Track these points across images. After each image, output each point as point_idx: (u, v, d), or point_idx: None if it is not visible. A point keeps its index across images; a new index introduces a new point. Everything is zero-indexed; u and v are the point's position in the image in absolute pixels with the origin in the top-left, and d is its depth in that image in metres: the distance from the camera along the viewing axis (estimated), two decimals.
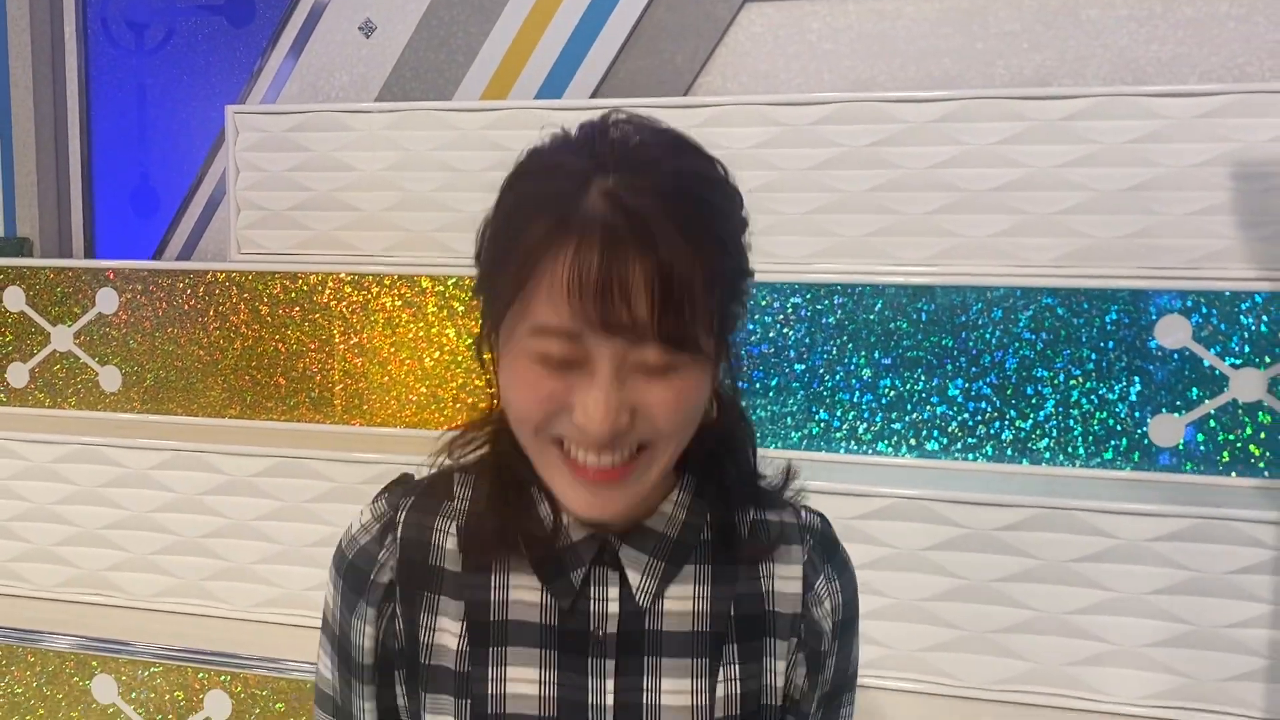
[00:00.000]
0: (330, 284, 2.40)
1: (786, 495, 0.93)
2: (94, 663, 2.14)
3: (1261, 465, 1.94)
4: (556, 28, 2.73)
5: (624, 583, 0.84)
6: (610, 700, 0.83)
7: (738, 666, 0.86)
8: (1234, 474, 1.96)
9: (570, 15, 2.72)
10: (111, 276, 2.52)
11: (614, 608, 0.84)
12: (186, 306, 2.48)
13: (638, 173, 0.74)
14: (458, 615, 0.85)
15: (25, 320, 2.59)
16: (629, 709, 0.83)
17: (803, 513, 0.94)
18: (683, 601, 0.85)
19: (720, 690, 0.85)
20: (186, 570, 2.28)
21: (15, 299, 2.59)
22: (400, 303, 2.36)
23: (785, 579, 0.89)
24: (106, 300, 2.52)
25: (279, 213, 2.67)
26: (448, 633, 0.86)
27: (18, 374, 2.61)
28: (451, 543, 0.87)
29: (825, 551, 0.92)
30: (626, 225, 0.72)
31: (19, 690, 2.18)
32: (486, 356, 0.84)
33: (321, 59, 2.95)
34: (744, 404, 0.92)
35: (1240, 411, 1.95)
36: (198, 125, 3.08)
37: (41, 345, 2.59)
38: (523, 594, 0.85)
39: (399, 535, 0.88)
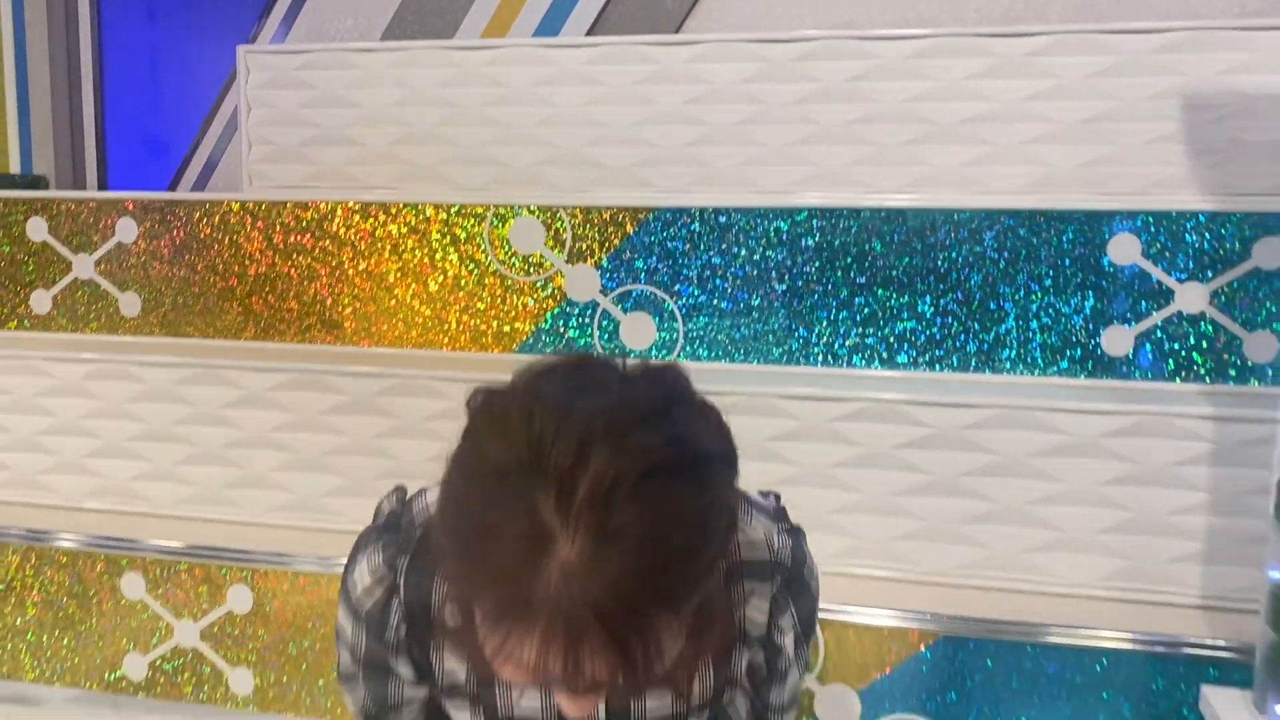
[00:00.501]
0: (340, 213, 2.54)
1: (767, 507, 1.02)
2: (123, 561, 2.29)
3: (1203, 372, 2.11)
4: None
5: None
6: (603, 713, 0.97)
7: (712, 671, 0.99)
8: (1178, 380, 2.13)
9: None
10: (131, 207, 2.66)
11: None
12: (203, 235, 2.62)
13: (607, 542, 0.69)
14: (462, 659, 0.96)
15: (47, 249, 2.72)
16: (618, 714, 0.97)
17: (775, 540, 0.98)
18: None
19: (696, 687, 0.98)
20: (207, 479, 2.43)
21: (38, 229, 2.72)
22: (406, 230, 2.51)
23: (756, 609, 0.98)
24: (126, 230, 2.66)
25: (289, 148, 2.81)
26: (456, 665, 0.97)
27: (40, 300, 2.75)
28: (450, 605, 0.91)
29: (790, 586, 0.99)
30: (587, 621, 0.68)
31: (52, 589, 2.34)
32: None
33: (327, 3, 3.09)
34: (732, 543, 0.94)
35: (1185, 323, 2.12)
36: (208, 67, 3.21)
37: (63, 273, 2.72)
38: None
39: (402, 598, 0.95)
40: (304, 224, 2.57)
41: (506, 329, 2.46)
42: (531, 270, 2.44)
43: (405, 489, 1.04)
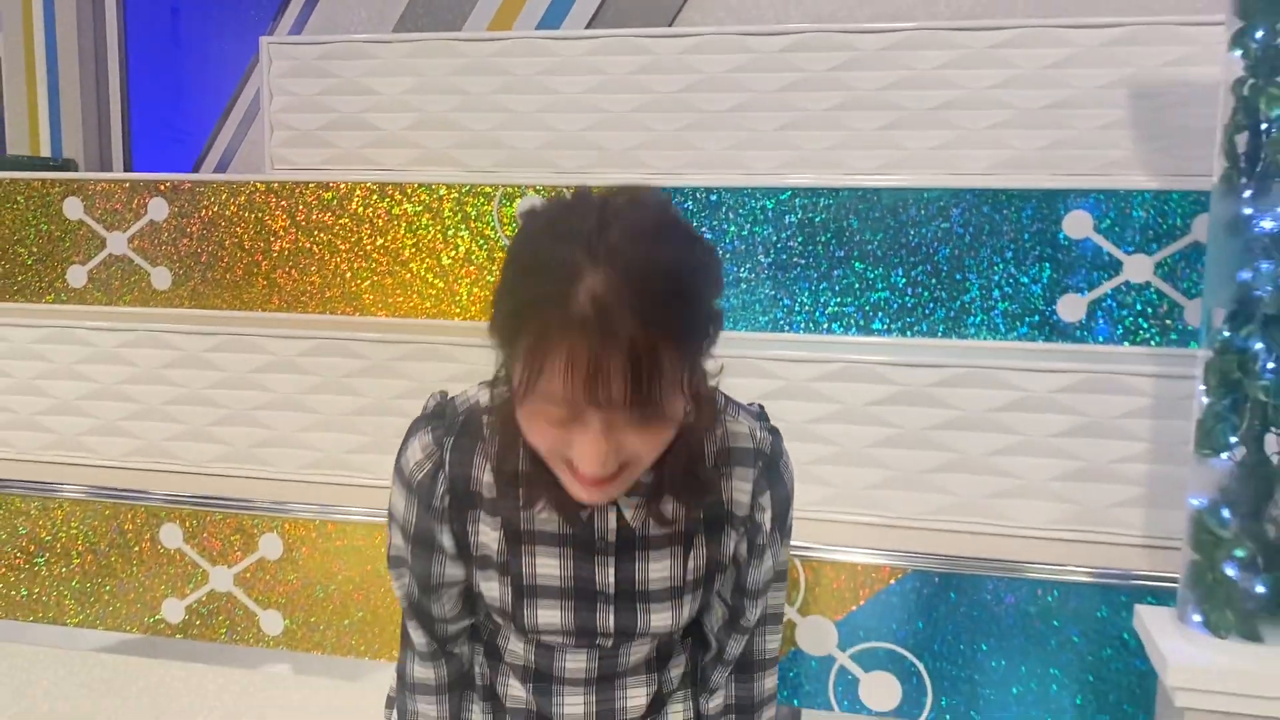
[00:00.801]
0: (358, 193, 2.73)
1: (752, 410, 1.23)
2: (161, 513, 2.49)
3: (1148, 337, 2.33)
4: None
5: (620, 512, 1.16)
6: (611, 579, 1.17)
7: (704, 547, 1.19)
8: (1126, 344, 2.34)
9: None
10: (163, 188, 2.85)
11: (613, 524, 1.16)
12: (230, 214, 2.81)
13: (623, 273, 0.90)
14: (495, 526, 1.16)
15: (83, 227, 2.92)
16: (625, 583, 1.17)
17: (758, 433, 1.18)
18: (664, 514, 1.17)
19: (691, 562, 1.18)
20: (238, 439, 2.63)
21: (74, 208, 2.92)
22: (420, 209, 2.71)
23: (740, 490, 1.19)
24: (158, 209, 2.85)
25: (309, 132, 3.01)
26: (489, 537, 1.17)
27: (76, 275, 2.94)
28: (487, 476, 1.12)
29: (769, 471, 1.18)
30: (609, 331, 0.88)
31: (95, 539, 2.53)
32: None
33: None
34: (714, 384, 1.13)
35: (1132, 291, 2.33)
36: (228, 59, 3.40)
37: (98, 249, 2.92)
38: (546, 516, 1.16)
39: (447, 472, 1.13)
40: (325, 203, 2.76)
41: None
42: None
43: (447, 391, 1.24)
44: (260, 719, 2.49)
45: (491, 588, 1.19)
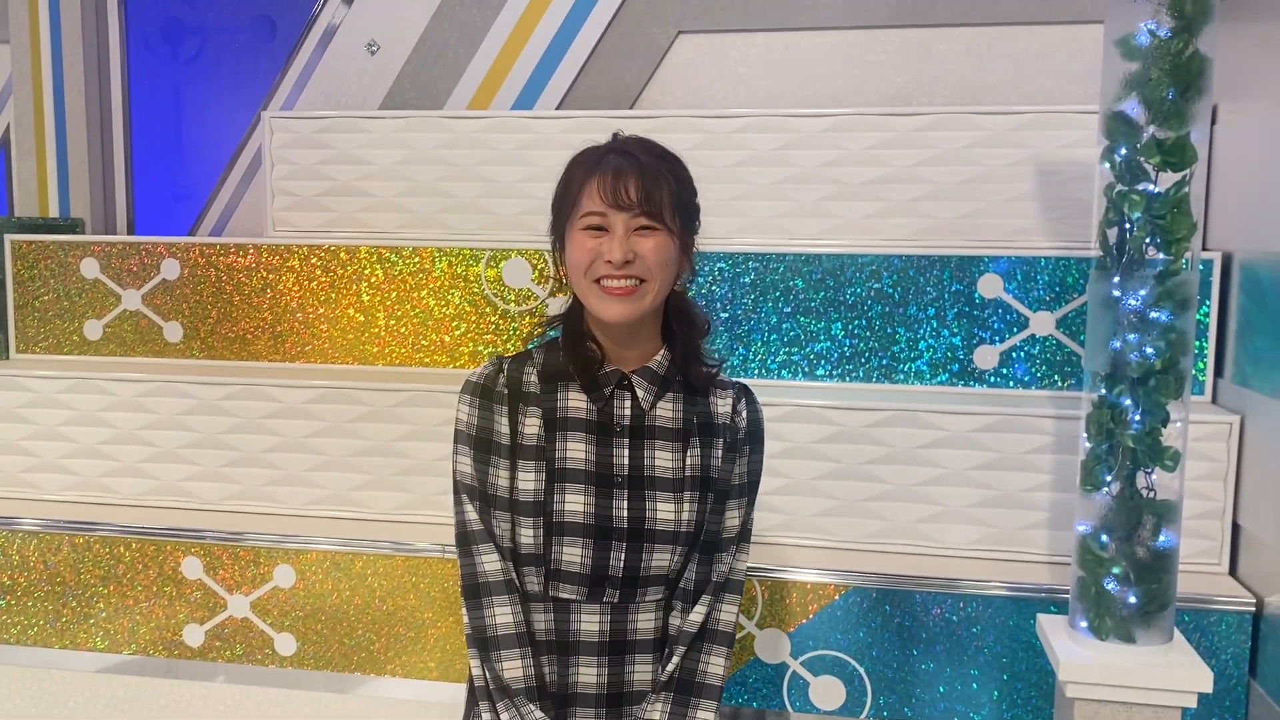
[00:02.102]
0: (359, 254, 3.03)
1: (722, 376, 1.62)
2: (183, 548, 2.75)
3: (1050, 382, 2.70)
4: (530, 50, 3.40)
5: (633, 399, 1.51)
6: (626, 462, 1.51)
7: (699, 448, 1.54)
8: (1033, 388, 2.71)
9: (541, 39, 3.40)
10: (174, 249, 3.12)
11: (628, 411, 1.52)
12: (238, 274, 3.09)
13: (634, 145, 1.47)
14: (538, 416, 1.51)
15: (99, 285, 3.18)
16: (637, 467, 1.51)
17: (731, 378, 1.63)
18: (666, 411, 1.53)
19: (689, 459, 1.53)
20: (251, 479, 2.90)
21: (90, 268, 3.18)
22: (413, 269, 3.01)
23: (723, 405, 1.58)
24: (170, 268, 3.13)
25: (308, 198, 3.29)
26: (533, 426, 1.51)
27: (93, 329, 3.20)
28: (534, 378, 1.52)
29: (744, 396, 1.60)
30: (627, 162, 1.43)
31: (121, 570, 2.79)
32: (560, 268, 1.55)
33: (333, 72, 3.58)
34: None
35: (1037, 343, 2.70)
36: (226, 125, 3.67)
37: (114, 306, 3.18)
38: (576, 404, 1.52)
39: (505, 374, 1.53)
40: (325, 263, 3.06)
41: (499, 349, 2.98)
42: (521, 301, 2.96)
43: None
44: None
45: (528, 478, 1.49)
